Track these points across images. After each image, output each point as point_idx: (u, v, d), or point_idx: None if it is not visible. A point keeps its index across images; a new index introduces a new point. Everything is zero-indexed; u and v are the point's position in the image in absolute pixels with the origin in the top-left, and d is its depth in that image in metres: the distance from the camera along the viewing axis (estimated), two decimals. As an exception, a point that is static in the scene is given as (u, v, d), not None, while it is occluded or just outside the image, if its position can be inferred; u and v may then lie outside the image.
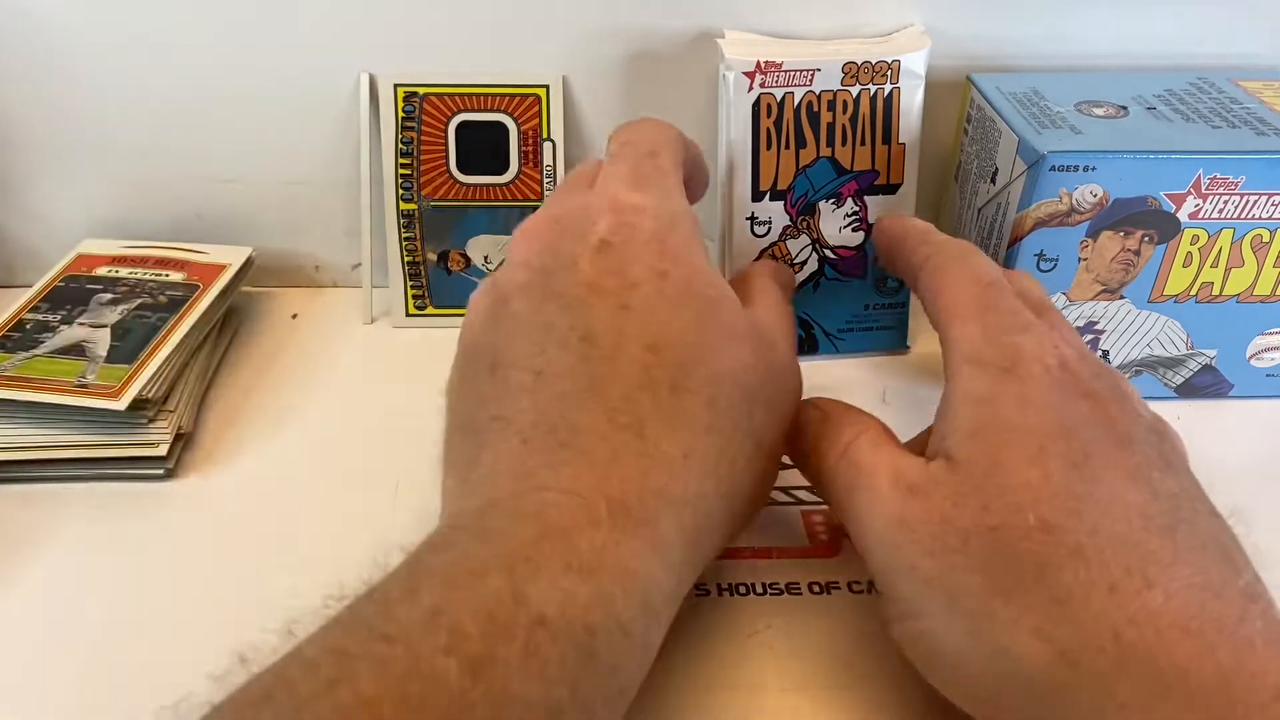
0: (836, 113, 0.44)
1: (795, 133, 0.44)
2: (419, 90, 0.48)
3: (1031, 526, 0.25)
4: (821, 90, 0.44)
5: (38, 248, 0.52)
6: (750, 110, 0.44)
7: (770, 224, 0.46)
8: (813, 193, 0.46)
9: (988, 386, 0.27)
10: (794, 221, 0.46)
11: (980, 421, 0.27)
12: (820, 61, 0.43)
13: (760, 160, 0.45)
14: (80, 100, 0.48)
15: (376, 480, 0.40)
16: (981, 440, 0.26)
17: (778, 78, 0.43)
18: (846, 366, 0.49)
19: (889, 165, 0.46)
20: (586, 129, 0.50)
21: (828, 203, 0.46)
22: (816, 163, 0.45)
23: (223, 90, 0.48)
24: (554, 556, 0.23)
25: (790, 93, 0.43)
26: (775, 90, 0.43)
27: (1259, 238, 0.42)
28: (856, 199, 0.46)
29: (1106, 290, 0.43)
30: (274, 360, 0.48)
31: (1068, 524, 0.24)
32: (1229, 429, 0.45)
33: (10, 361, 0.42)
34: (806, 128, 0.44)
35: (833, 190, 0.46)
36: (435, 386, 0.33)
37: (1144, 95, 0.45)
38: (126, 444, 0.40)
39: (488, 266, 0.51)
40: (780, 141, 0.44)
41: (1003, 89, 0.45)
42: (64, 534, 0.38)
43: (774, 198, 0.45)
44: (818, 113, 0.44)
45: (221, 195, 0.51)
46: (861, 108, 0.44)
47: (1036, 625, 0.24)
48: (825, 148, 0.45)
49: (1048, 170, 0.40)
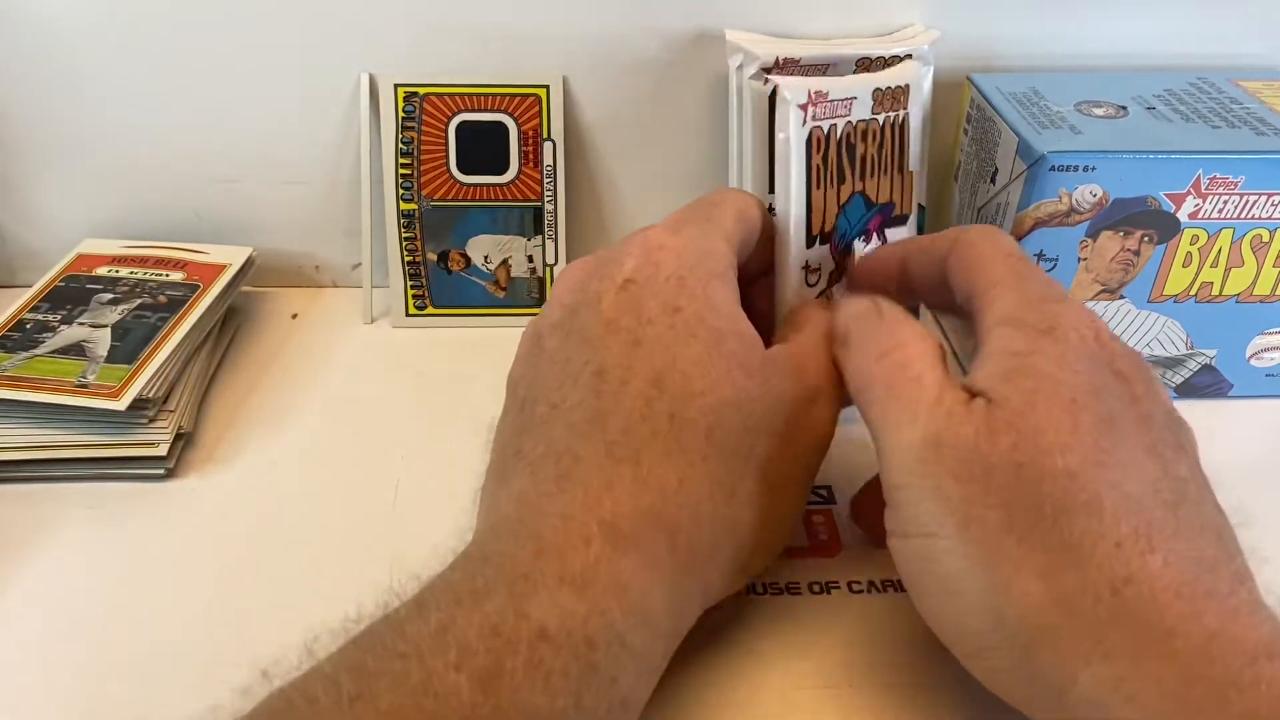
0: (868, 144, 0.40)
1: (837, 168, 0.40)
2: (419, 90, 0.48)
3: (1058, 470, 0.25)
4: (857, 120, 0.40)
5: (38, 247, 0.52)
6: (803, 147, 0.38)
7: (820, 270, 0.40)
8: (850, 231, 0.41)
9: (1026, 343, 0.28)
10: (839, 265, 0.41)
11: (1017, 368, 0.27)
12: (855, 89, 0.39)
13: (812, 201, 0.39)
14: (80, 100, 0.48)
15: (376, 480, 0.40)
16: (1017, 384, 0.27)
17: (824, 109, 0.39)
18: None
19: (902, 195, 0.43)
20: (587, 129, 0.50)
21: (859, 241, 0.41)
22: (852, 199, 0.40)
23: (223, 90, 0.48)
24: (549, 573, 0.25)
25: (834, 124, 0.39)
26: (823, 123, 0.39)
27: (1259, 238, 0.42)
28: (879, 234, 0.42)
29: (1106, 290, 0.43)
30: (274, 360, 0.48)
31: (1091, 474, 0.25)
32: (1229, 429, 0.45)
33: (10, 361, 0.42)
34: (845, 162, 0.40)
35: (864, 227, 0.41)
36: (436, 386, 0.33)
37: (1144, 95, 0.45)
38: (127, 444, 0.40)
39: (488, 266, 0.51)
40: (827, 179, 0.39)
41: (1002, 89, 0.45)
42: (64, 534, 0.38)
43: (823, 241, 0.40)
44: (854, 144, 0.40)
45: (222, 195, 0.51)
46: (886, 136, 0.41)
47: (1043, 567, 0.25)
48: (858, 182, 0.40)
49: (1047, 170, 0.40)
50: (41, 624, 0.35)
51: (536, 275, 0.51)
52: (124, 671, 0.33)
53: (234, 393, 0.46)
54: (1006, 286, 0.30)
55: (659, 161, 0.51)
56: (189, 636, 0.34)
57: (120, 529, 0.39)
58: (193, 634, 0.34)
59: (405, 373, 0.47)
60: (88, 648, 0.34)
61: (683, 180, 0.51)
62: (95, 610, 0.35)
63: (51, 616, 0.35)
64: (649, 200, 0.52)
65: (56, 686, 0.33)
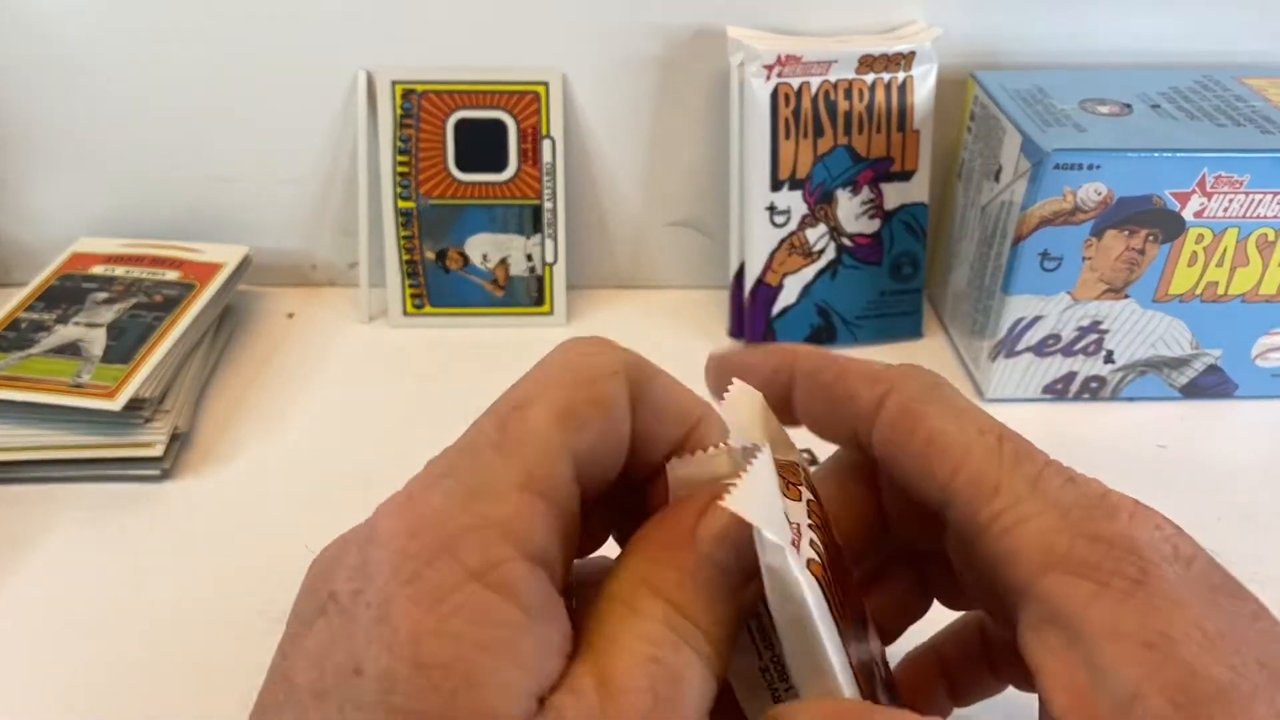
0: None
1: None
2: (417, 87, 0.48)
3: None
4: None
5: (33, 246, 0.51)
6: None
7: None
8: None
9: (1134, 616, 0.18)
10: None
11: (1167, 685, 0.17)
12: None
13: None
14: (76, 99, 0.48)
15: (375, 481, 0.40)
16: (1199, 711, 0.17)
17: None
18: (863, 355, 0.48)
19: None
20: (587, 126, 0.49)
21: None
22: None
23: (219, 88, 0.48)
24: None
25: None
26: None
27: (1264, 237, 0.41)
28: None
29: (1111, 290, 0.43)
30: (271, 360, 0.48)
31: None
32: (1234, 429, 0.44)
33: (5, 361, 0.41)
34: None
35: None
36: (434, 386, 0.33)
37: (1148, 93, 0.44)
38: (122, 444, 0.40)
39: (486, 265, 0.50)
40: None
41: (1007, 87, 0.45)
42: (58, 535, 0.38)
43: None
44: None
45: (218, 193, 0.51)
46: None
47: None
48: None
49: (1052, 168, 0.40)
50: (36, 628, 0.34)
51: (535, 274, 0.50)
52: (121, 674, 0.32)
53: (230, 393, 0.45)
54: (1016, 494, 0.20)
55: (660, 159, 0.50)
56: (185, 639, 0.34)
57: (116, 531, 0.38)
58: (189, 637, 0.34)
59: (403, 373, 0.47)
60: (83, 651, 0.33)
61: (684, 178, 0.51)
62: (90, 614, 0.35)
63: (46, 620, 0.35)
64: (649, 199, 0.51)
65: (52, 689, 0.32)
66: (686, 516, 0.20)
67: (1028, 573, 0.19)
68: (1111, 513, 0.19)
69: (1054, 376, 0.45)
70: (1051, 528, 0.19)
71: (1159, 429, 0.44)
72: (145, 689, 0.32)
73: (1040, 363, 0.45)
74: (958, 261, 0.48)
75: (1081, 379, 0.45)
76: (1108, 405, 0.46)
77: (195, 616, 0.35)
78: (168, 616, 0.35)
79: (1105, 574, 0.18)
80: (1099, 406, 0.46)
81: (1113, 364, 0.45)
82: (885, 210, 0.47)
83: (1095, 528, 0.19)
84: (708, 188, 0.50)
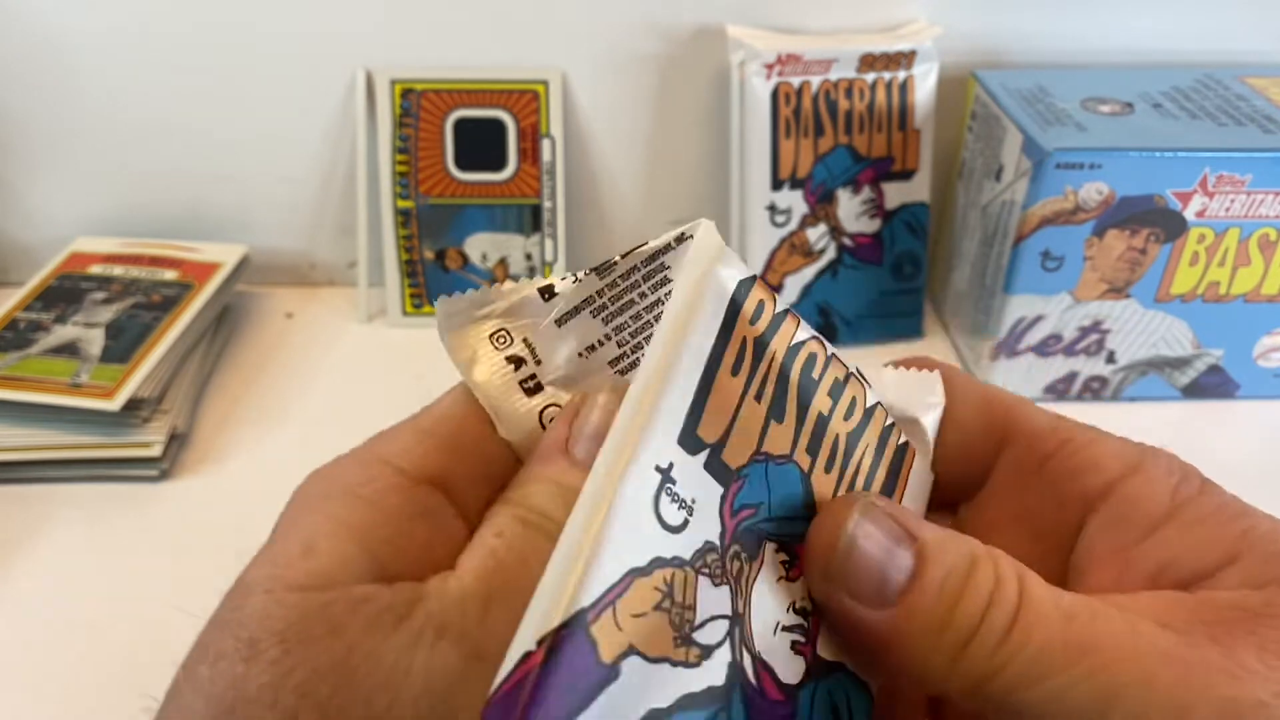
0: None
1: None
2: (416, 86, 0.47)
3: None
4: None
5: (31, 245, 0.51)
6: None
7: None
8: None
9: (1214, 510, 0.19)
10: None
11: (1251, 564, 0.18)
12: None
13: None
14: (74, 98, 0.48)
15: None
16: None
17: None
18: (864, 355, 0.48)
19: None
20: (586, 125, 0.49)
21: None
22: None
23: (217, 87, 0.48)
24: None
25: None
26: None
27: (1266, 236, 0.41)
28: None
29: (1113, 289, 0.42)
30: (269, 360, 0.48)
31: None
32: (1236, 429, 0.44)
33: (3, 361, 0.41)
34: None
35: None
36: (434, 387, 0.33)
37: (1150, 92, 0.44)
38: (120, 445, 0.40)
39: (485, 265, 0.50)
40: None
41: (1008, 86, 0.45)
42: (57, 536, 0.38)
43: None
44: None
45: (216, 192, 0.50)
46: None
47: None
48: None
49: (1053, 168, 0.39)
50: (34, 628, 0.34)
51: (535, 274, 0.50)
52: (118, 674, 0.32)
53: (229, 393, 0.45)
54: (1080, 427, 0.20)
55: (660, 158, 0.50)
56: (184, 640, 0.34)
57: (114, 531, 0.38)
58: (187, 637, 0.34)
59: (402, 373, 0.47)
60: (81, 651, 0.33)
61: (683, 177, 0.50)
62: (89, 614, 0.35)
63: (44, 621, 0.34)
64: (650, 198, 0.51)
65: (50, 689, 0.32)
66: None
67: (1110, 475, 0.20)
68: (1163, 450, 0.21)
69: (1055, 376, 0.45)
70: (1125, 446, 0.20)
71: (1161, 429, 0.44)
72: (144, 689, 0.32)
73: (1041, 363, 0.45)
74: (959, 261, 0.48)
75: (1083, 379, 0.45)
76: (1109, 405, 0.46)
77: (194, 617, 0.34)
78: (166, 617, 0.35)
79: (1182, 480, 0.20)
80: (1100, 407, 0.45)
81: (1114, 364, 0.45)
82: (886, 210, 0.47)
83: (1163, 453, 0.20)
84: (708, 187, 0.50)
